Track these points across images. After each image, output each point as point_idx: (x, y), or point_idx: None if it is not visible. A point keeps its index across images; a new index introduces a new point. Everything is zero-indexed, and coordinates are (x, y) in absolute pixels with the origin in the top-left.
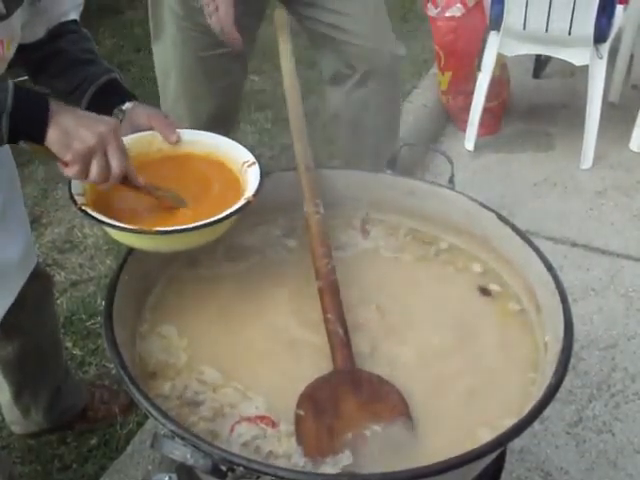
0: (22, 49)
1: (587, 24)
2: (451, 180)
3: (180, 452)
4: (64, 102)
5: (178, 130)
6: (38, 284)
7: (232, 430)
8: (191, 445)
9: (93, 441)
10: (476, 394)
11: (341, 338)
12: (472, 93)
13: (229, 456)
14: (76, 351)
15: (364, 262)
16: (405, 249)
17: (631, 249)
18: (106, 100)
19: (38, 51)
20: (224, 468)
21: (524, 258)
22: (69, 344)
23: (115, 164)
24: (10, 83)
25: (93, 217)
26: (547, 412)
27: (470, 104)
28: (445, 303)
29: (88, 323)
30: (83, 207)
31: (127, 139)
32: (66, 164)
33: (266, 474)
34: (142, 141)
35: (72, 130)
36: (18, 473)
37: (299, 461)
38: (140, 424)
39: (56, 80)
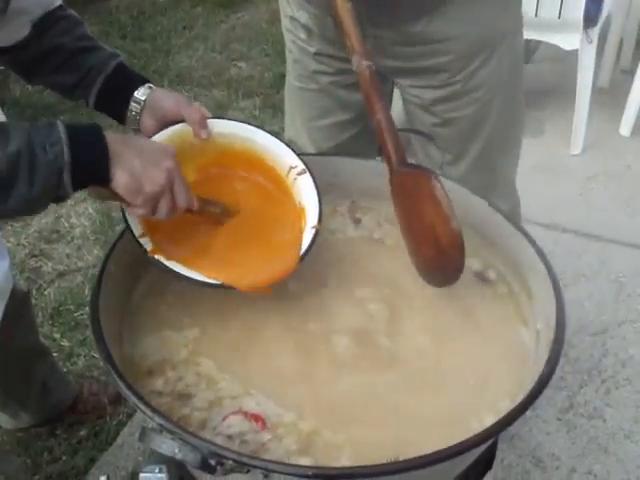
0: (6, 51)
1: (577, 8)
2: (442, 167)
3: (168, 446)
4: (68, 97)
5: (208, 121)
6: (14, 304)
7: (224, 419)
8: (179, 439)
9: (82, 433)
10: (471, 380)
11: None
12: None
13: (218, 450)
14: (64, 342)
15: (358, 248)
16: (396, 235)
17: (621, 234)
18: (118, 90)
19: (26, 50)
20: (213, 462)
21: (515, 245)
22: (57, 335)
23: (181, 200)
24: (61, 128)
25: (173, 271)
26: (538, 399)
27: None
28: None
29: (76, 314)
30: (156, 257)
31: (160, 139)
32: (132, 205)
33: (256, 467)
34: (175, 138)
35: (140, 171)
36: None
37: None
38: (130, 415)
39: (55, 76)
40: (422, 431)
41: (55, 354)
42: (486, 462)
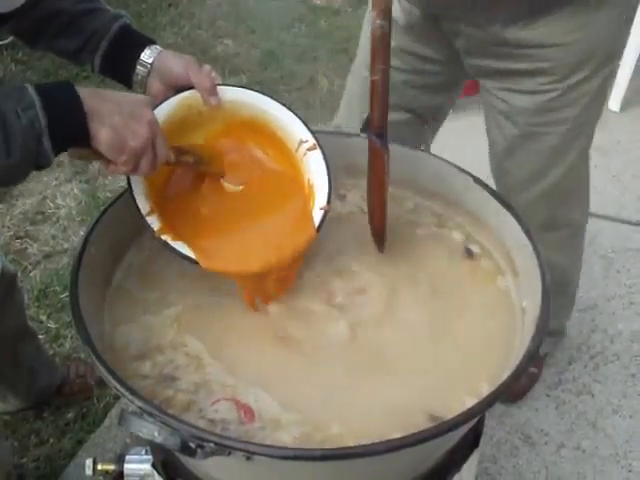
0: (7, 18)
1: None
2: (428, 149)
3: (148, 430)
4: (74, 62)
5: (218, 88)
6: (4, 286)
7: (213, 404)
8: (159, 422)
9: (70, 415)
10: (455, 357)
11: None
12: None
13: (197, 432)
14: (51, 324)
15: (345, 224)
16: None
17: (610, 210)
18: (123, 53)
19: (27, 16)
20: (193, 445)
21: (501, 222)
22: (43, 317)
23: (162, 153)
24: (32, 90)
25: (181, 253)
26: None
27: None
28: (427, 264)
29: (62, 295)
30: (163, 237)
31: (169, 107)
32: (113, 162)
33: (237, 450)
34: (183, 106)
35: (121, 127)
36: None
37: None
38: (117, 397)
39: (58, 41)
40: (410, 411)
41: (41, 336)
42: (473, 439)
